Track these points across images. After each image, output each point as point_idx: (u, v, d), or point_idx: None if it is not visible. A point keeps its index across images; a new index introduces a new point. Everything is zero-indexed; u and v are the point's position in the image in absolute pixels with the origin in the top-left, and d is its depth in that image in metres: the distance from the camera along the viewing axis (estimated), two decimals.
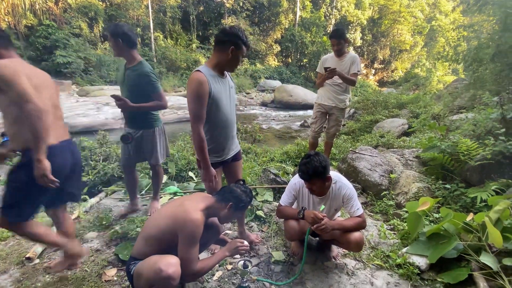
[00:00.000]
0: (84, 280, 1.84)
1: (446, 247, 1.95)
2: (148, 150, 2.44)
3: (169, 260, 1.31)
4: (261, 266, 2.04)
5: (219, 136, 1.82)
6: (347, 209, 1.89)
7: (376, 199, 3.12)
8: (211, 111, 1.70)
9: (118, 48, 2.20)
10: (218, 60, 1.72)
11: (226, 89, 1.79)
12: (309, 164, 1.71)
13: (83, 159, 3.42)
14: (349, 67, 3.21)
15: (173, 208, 1.50)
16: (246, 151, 5.19)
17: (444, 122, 5.15)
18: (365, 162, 3.38)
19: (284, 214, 1.94)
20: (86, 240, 2.27)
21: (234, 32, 1.67)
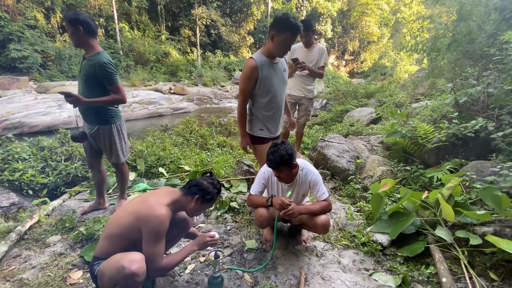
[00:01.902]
0: (47, 285, 1.75)
1: (405, 224, 2.10)
2: (106, 148, 2.30)
3: (132, 257, 1.28)
4: (234, 255, 2.07)
5: (272, 114, 2.14)
6: (314, 194, 1.96)
7: (344, 184, 3.27)
8: (263, 92, 2.02)
9: (77, 37, 2.04)
10: (267, 47, 1.99)
11: (278, 73, 2.05)
12: (276, 152, 1.74)
13: (41, 160, 3.19)
14: (318, 59, 3.28)
15: (136, 205, 1.45)
16: (221, 145, 5.16)
17: (406, 109, 5.48)
18: (334, 149, 3.52)
19: (254, 203, 1.97)
20: (48, 244, 2.14)
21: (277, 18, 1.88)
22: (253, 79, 1.97)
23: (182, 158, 3.84)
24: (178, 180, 3.22)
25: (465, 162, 2.70)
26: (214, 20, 21.15)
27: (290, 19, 1.83)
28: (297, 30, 1.87)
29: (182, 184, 3.06)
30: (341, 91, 9.74)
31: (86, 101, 2.06)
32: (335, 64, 30.13)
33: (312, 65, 3.25)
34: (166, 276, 1.79)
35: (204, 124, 7.01)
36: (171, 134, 5.36)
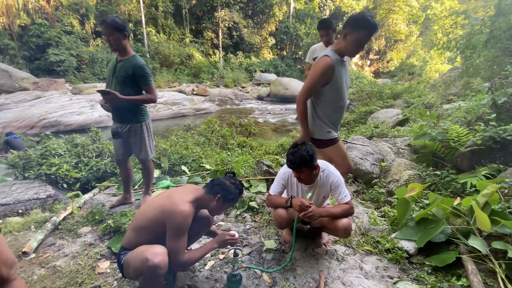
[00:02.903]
0: (77, 272, 1.86)
1: (434, 231, 1.98)
2: (136, 145, 2.43)
3: (156, 250, 1.33)
4: (253, 255, 2.07)
5: (339, 114, 2.11)
6: (335, 196, 1.91)
7: (367, 187, 3.15)
8: (334, 91, 1.96)
9: (117, 41, 2.18)
10: (337, 45, 1.91)
11: (346, 73, 2.01)
12: (296, 153, 1.71)
13: (75, 156, 3.42)
14: None
15: (161, 200, 1.51)
16: (241, 145, 5.21)
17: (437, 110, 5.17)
18: (357, 151, 3.41)
19: (273, 203, 1.96)
20: (80, 234, 2.29)
21: (353, 16, 1.82)
22: (326, 78, 1.91)
23: (204, 157, 3.93)
24: (200, 178, 3.29)
25: (504, 167, 2.49)
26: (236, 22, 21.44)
27: (367, 17, 1.76)
28: (373, 29, 1.78)
29: (203, 182, 3.13)
30: (365, 91, 9.42)
31: (124, 98, 2.19)
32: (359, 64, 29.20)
33: None
34: (187, 271, 1.83)
35: (225, 124, 7.11)
36: (193, 133, 5.50)
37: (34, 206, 2.76)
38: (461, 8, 16.74)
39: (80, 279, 1.81)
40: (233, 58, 21.58)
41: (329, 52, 1.90)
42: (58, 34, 14.49)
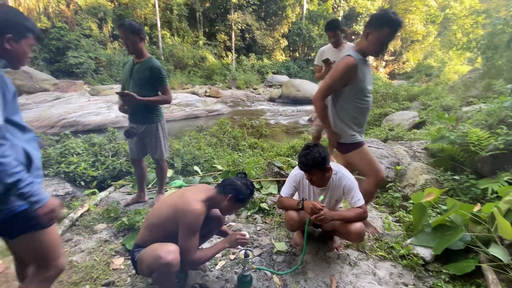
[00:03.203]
0: (93, 268, 1.92)
1: (452, 238, 1.91)
2: (151, 145, 2.49)
3: (168, 248, 1.35)
4: (263, 256, 2.06)
5: (363, 116, 2.01)
6: (348, 200, 1.87)
7: (382, 191, 3.07)
8: (358, 92, 1.90)
9: (134, 44, 2.25)
10: (360, 45, 1.88)
11: (368, 73, 1.95)
12: (309, 155, 1.70)
13: (92, 155, 3.53)
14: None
15: (174, 199, 1.54)
16: (252, 146, 5.22)
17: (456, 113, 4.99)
18: None
19: (284, 205, 1.95)
20: (96, 231, 2.36)
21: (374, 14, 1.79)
22: (347, 77, 1.85)
23: (216, 158, 3.96)
24: (211, 178, 3.32)
25: None
26: (249, 24, 21.56)
27: (389, 14, 1.72)
28: (396, 26, 1.73)
29: (215, 183, 3.16)
30: (380, 93, 9.22)
31: (141, 99, 2.26)
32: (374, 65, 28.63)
33: None
34: (198, 270, 1.85)
35: (236, 126, 7.15)
36: (205, 134, 5.57)
37: None
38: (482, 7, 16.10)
39: (95, 274, 1.86)
40: (245, 60, 21.70)
41: (352, 52, 1.86)
42: (77, 37, 15.07)
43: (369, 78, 1.94)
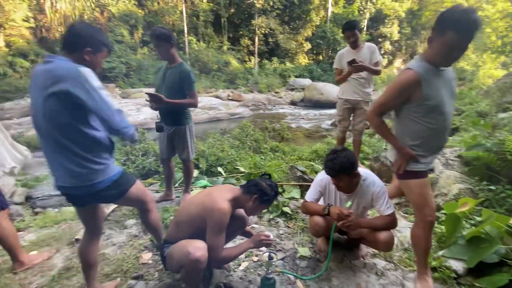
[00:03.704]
0: (123, 261, 2.03)
1: (487, 251, 1.79)
2: (179, 146, 2.60)
3: (197, 245, 1.40)
4: (286, 260, 2.06)
5: (434, 138, 1.59)
6: (377, 208, 1.82)
7: None
8: (427, 111, 1.51)
9: (166, 50, 2.38)
10: (427, 54, 1.50)
11: (446, 84, 1.53)
12: (336, 159, 1.67)
13: (124, 154, 3.74)
14: (369, 57, 3.11)
15: (202, 197, 1.59)
16: (273, 149, 5.23)
17: (491, 119, 4.65)
18: None
19: (309, 210, 1.93)
20: (126, 226, 2.49)
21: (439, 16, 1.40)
22: (406, 95, 1.51)
23: (238, 160, 4.02)
24: (234, 180, 3.38)
25: None
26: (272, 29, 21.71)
27: (456, 14, 1.35)
28: (467, 27, 1.34)
29: (237, 184, 3.20)
30: None
31: (168, 101, 2.37)
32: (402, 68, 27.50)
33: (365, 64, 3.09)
34: (222, 270, 1.89)
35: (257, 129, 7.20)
36: (228, 137, 5.67)
37: None
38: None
39: (125, 267, 1.96)
40: (268, 64, 21.82)
41: (415, 63, 1.51)
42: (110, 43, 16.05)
43: (444, 92, 1.52)
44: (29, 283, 1.81)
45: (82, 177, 1.34)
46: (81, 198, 1.42)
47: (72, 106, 1.27)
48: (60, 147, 1.31)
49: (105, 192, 1.41)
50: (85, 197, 1.41)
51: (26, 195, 3.02)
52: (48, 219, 2.64)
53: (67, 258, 2.08)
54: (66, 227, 2.54)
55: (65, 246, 2.23)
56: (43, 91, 1.27)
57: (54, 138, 1.30)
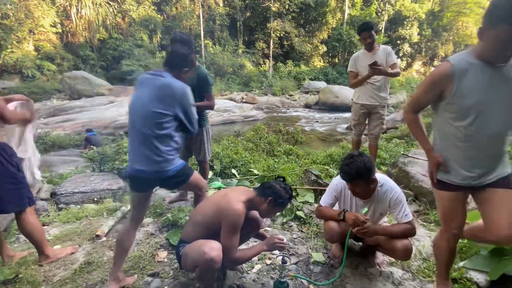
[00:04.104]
0: (140, 258, 2.08)
1: (510, 263, 1.70)
2: (196, 148, 2.66)
3: (212, 245, 1.42)
4: (300, 265, 2.04)
5: (465, 151, 1.40)
6: (394, 214, 1.77)
7: (431, 208, 2.83)
8: (462, 111, 1.35)
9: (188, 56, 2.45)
10: (477, 48, 1.32)
11: (499, 83, 1.32)
12: (352, 164, 1.65)
13: None
14: (385, 60, 3.05)
15: (217, 198, 1.62)
16: (287, 153, 5.21)
17: None
18: (419, 167, 3.11)
19: (323, 215, 1.91)
20: (143, 224, 2.56)
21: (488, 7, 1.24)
22: (439, 90, 1.37)
23: (252, 162, 4.04)
24: (248, 182, 3.39)
25: None
26: (288, 32, 21.73)
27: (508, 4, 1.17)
28: None
29: (251, 187, 3.22)
30: None
31: None
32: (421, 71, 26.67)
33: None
34: (236, 271, 1.90)
35: (271, 132, 7.21)
36: (242, 139, 5.71)
37: (107, 196, 3.19)
38: None
39: (142, 264, 2.02)
40: (282, 67, 21.85)
41: (456, 56, 1.38)
42: (130, 47, 16.69)
43: (494, 94, 1.31)
44: (53, 275, 1.91)
45: (159, 164, 1.65)
46: (152, 182, 1.73)
47: (172, 116, 1.66)
48: (146, 140, 1.63)
49: (172, 179, 1.71)
50: (156, 180, 1.71)
51: (51, 192, 3.18)
52: (70, 215, 2.76)
53: (88, 253, 2.17)
54: (87, 223, 2.65)
55: (86, 242, 2.32)
56: (154, 99, 1.63)
57: (144, 133, 1.63)
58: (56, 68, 14.59)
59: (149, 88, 1.67)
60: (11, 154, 1.79)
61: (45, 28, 14.70)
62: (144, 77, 1.75)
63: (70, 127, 8.82)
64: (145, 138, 1.64)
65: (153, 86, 1.67)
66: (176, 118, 1.69)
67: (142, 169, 1.65)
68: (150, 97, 1.64)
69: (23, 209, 1.86)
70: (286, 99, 17.95)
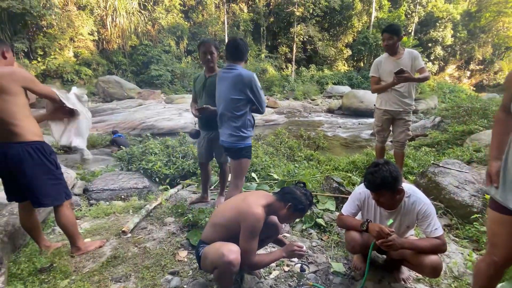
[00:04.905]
0: (162, 256, 2.15)
1: None
2: (219, 150, 2.70)
3: (231, 248, 1.43)
4: (318, 274, 1.99)
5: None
6: (423, 228, 1.67)
7: (463, 223, 2.64)
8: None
9: (214, 59, 2.56)
10: None
11: None
12: (377, 173, 1.58)
13: (166, 156, 4.01)
14: (411, 65, 2.91)
15: (237, 201, 1.63)
16: (308, 158, 5.13)
17: None
18: (451, 177, 2.91)
19: (345, 224, 1.85)
20: (165, 223, 2.65)
21: None
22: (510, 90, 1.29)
23: (272, 167, 4.02)
24: (267, 186, 3.38)
25: None
26: (311, 36, 21.55)
27: None
28: None
29: (270, 191, 3.20)
30: (463, 107, 7.97)
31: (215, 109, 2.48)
32: (455, 76, 25.09)
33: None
34: (253, 276, 1.89)
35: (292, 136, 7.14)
36: (262, 143, 5.71)
37: (133, 194, 3.35)
38: None
39: (163, 262, 2.08)
40: (305, 71, 21.67)
41: None
42: (159, 53, 17.50)
43: None
44: (83, 266, 2.03)
45: (234, 138, 2.20)
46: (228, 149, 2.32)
47: (246, 98, 2.15)
48: (228, 120, 2.19)
49: (241, 150, 2.24)
50: (230, 149, 2.27)
51: (84, 188, 3.40)
52: (100, 210, 2.93)
53: (114, 248, 2.28)
54: (114, 219, 2.79)
55: (113, 237, 2.44)
56: (231, 88, 2.13)
57: (227, 115, 2.19)
58: (92, 72, 15.69)
59: (226, 81, 2.17)
60: (50, 152, 1.94)
61: (84, 36, 15.89)
62: (222, 72, 2.25)
63: (102, 128, 9.41)
64: (227, 118, 2.19)
65: (229, 78, 2.15)
66: (249, 101, 2.16)
67: (224, 141, 2.26)
68: (228, 87, 2.14)
69: (60, 203, 2.01)
70: (308, 103, 17.73)
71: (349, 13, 22.03)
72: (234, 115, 2.15)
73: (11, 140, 1.77)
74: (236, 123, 2.17)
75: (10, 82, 1.72)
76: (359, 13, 22.52)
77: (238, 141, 2.21)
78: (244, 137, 2.22)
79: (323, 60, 22.74)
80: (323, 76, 20.95)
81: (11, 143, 1.77)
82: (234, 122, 2.17)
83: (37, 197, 1.89)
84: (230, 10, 20.99)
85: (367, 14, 22.64)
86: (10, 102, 1.73)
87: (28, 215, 2.04)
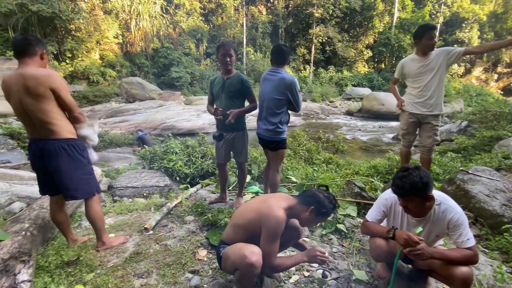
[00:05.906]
0: (182, 254, 2.18)
1: None
2: (238, 150, 2.74)
3: (253, 249, 1.43)
4: (340, 281, 1.93)
5: None
6: (454, 238, 1.58)
7: (494, 233, 2.48)
8: None
9: (233, 61, 2.61)
10: None
11: None
12: (407, 178, 1.51)
13: (186, 155, 4.09)
14: (440, 63, 2.77)
15: (258, 203, 1.63)
16: (327, 161, 5.04)
17: None
18: (481, 186, 2.74)
19: (370, 231, 1.79)
20: (185, 222, 2.69)
21: None
22: None
23: (290, 169, 3.99)
24: (286, 189, 3.35)
25: None
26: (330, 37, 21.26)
27: None
28: None
29: (289, 194, 3.17)
30: (491, 111, 7.53)
31: (240, 111, 2.58)
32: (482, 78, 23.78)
33: (434, 73, 2.80)
34: (273, 279, 1.88)
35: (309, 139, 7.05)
36: None
37: (155, 192, 3.44)
38: None
39: (184, 260, 2.11)
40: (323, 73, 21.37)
41: None
42: (179, 56, 17.96)
43: None
44: (107, 261, 2.10)
45: (271, 132, 2.53)
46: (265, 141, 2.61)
47: (286, 99, 2.45)
48: (268, 115, 2.51)
49: (276, 144, 2.56)
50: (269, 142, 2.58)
51: (108, 185, 3.54)
52: (123, 207, 3.03)
53: (137, 244, 2.34)
54: (137, 216, 2.88)
55: (136, 233, 2.52)
56: (274, 89, 2.45)
57: (267, 112, 2.50)
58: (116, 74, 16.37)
59: (271, 82, 2.47)
60: (83, 149, 2.04)
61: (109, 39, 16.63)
62: (266, 74, 2.57)
63: (125, 127, 9.77)
64: (267, 113, 2.51)
65: (273, 80, 2.45)
66: (288, 101, 2.45)
67: (262, 134, 2.58)
68: (271, 88, 2.45)
69: (91, 196, 2.10)
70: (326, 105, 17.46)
71: (370, 13, 21.50)
72: (274, 112, 2.45)
73: (48, 137, 1.88)
74: (275, 119, 2.46)
75: (48, 84, 1.82)
76: (381, 14, 21.92)
77: (275, 135, 2.51)
78: (280, 132, 2.51)
79: (343, 61, 22.34)
80: (342, 78, 20.57)
81: (48, 139, 1.88)
82: (273, 118, 2.46)
83: (70, 190, 1.98)
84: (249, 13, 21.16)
85: (389, 14, 22.00)
86: (47, 103, 1.83)
87: (58, 209, 2.14)
